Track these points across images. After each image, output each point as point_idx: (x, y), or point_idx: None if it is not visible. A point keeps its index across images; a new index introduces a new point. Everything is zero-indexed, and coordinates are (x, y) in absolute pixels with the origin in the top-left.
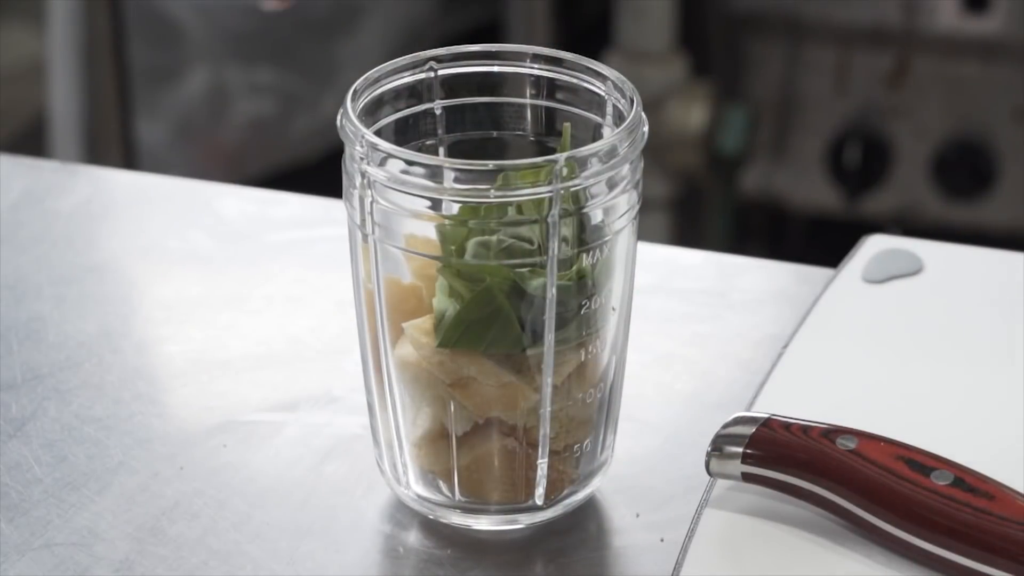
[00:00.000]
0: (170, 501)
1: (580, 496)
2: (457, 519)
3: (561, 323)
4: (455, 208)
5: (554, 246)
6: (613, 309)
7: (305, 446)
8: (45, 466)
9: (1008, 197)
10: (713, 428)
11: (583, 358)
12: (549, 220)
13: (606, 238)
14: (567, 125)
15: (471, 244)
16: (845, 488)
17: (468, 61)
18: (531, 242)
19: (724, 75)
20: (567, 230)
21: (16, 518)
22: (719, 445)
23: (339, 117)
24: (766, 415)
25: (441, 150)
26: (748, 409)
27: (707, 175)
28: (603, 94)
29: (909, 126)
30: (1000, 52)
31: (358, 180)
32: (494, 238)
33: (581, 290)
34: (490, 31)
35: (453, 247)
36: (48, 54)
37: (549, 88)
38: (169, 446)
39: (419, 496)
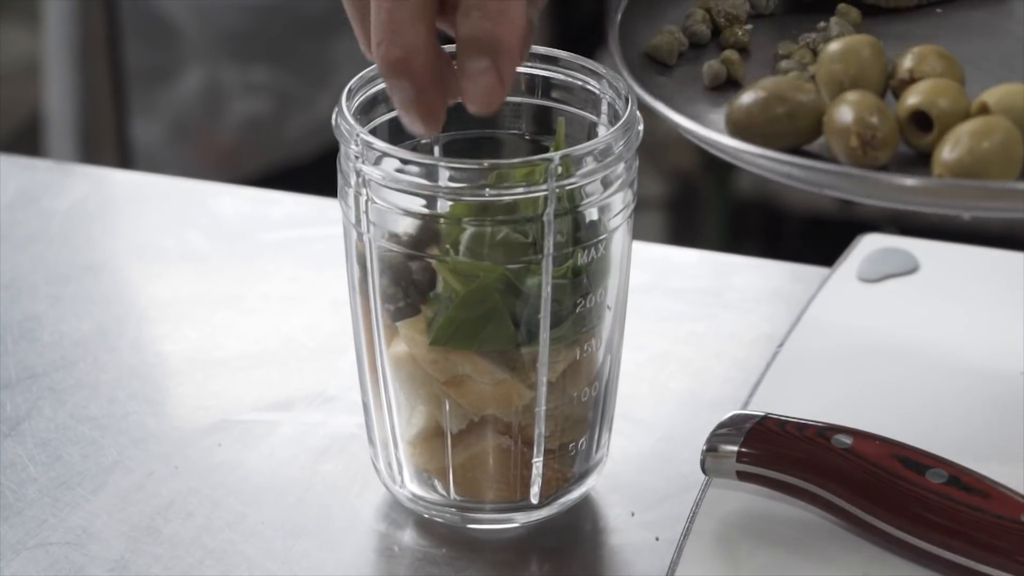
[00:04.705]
0: (165, 500)
1: (575, 495)
2: (452, 518)
3: (556, 321)
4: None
5: (549, 244)
6: (608, 307)
7: (300, 445)
8: (40, 465)
9: None
10: (708, 427)
11: (578, 356)
12: (544, 218)
13: (601, 236)
14: (561, 120)
15: (466, 236)
16: (840, 486)
17: None
18: (526, 234)
19: None
20: (562, 228)
21: (11, 517)
22: (714, 444)
23: (334, 116)
24: (761, 414)
25: (436, 149)
26: (743, 408)
27: (702, 174)
28: (598, 92)
29: None
30: None
31: (353, 179)
32: (488, 230)
33: (576, 288)
34: None
35: (448, 244)
36: (43, 53)
37: (544, 86)
38: (164, 445)
39: (414, 495)
